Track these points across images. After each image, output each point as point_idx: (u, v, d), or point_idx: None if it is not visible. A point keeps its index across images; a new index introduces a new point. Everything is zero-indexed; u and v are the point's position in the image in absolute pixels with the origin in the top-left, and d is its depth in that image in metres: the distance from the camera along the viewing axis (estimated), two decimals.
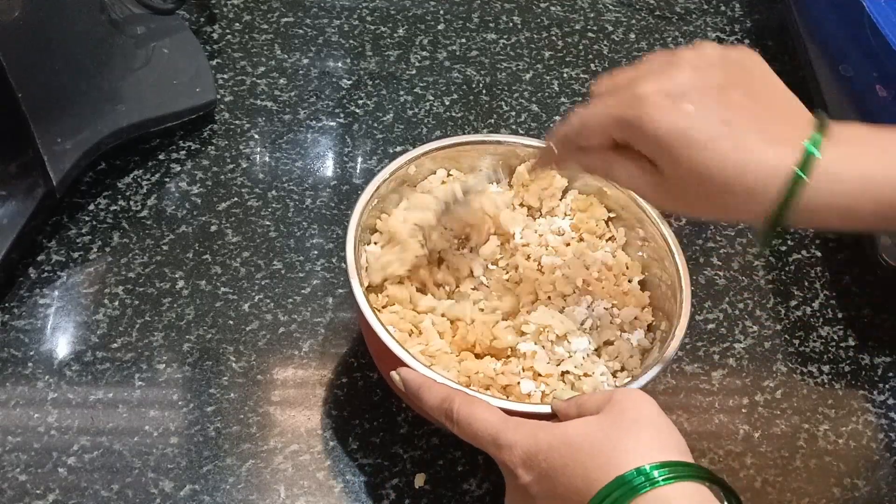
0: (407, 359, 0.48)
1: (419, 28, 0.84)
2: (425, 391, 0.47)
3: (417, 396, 0.47)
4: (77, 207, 0.66)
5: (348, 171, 0.71)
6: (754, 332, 0.65)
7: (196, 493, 0.53)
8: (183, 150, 0.71)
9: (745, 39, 0.88)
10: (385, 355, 0.49)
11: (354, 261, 0.52)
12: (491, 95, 0.79)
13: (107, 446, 0.54)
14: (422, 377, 0.47)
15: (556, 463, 0.41)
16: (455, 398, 0.46)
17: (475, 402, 0.46)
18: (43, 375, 0.57)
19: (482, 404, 0.45)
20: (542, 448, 0.42)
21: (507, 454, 0.43)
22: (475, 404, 0.45)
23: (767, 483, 0.57)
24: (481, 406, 0.45)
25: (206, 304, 0.61)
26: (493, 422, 0.44)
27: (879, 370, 0.64)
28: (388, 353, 0.48)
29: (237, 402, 0.57)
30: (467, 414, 0.45)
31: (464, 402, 0.46)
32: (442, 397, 0.46)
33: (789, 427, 0.60)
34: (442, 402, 0.46)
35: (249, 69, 0.78)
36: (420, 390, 0.47)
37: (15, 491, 0.52)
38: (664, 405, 0.61)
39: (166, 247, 0.64)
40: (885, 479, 0.59)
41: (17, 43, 0.57)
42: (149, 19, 0.74)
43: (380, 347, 0.49)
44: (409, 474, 0.55)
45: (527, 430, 0.43)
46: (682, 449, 0.41)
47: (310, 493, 0.54)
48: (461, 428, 0.45)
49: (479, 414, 0.45)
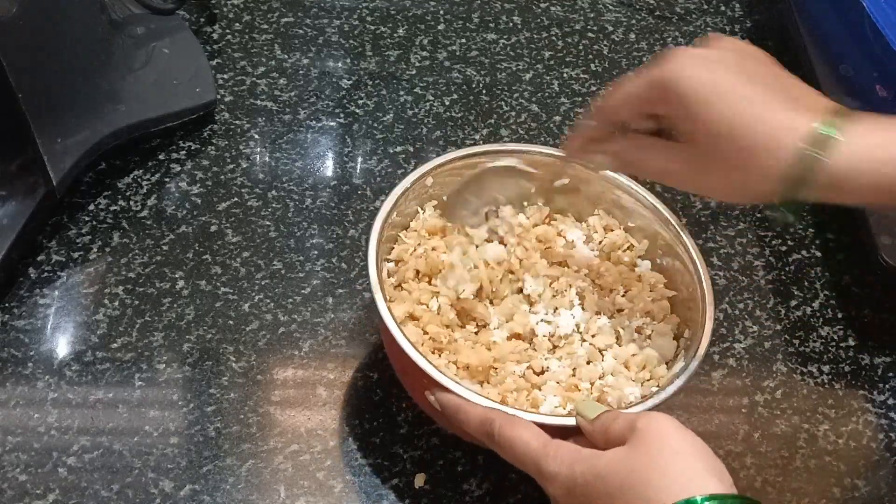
0: (444, 381, 0.47)
1: (419, 28, 0.84)
2: (463, 414, 0.47)
3: (456, 419, 0.47)
4: (77, 207, 0.66)
5: (348, 171, 0.71)
6: (754, 332, 0.65)
7: (196, 493, 0.53)
8: (183, 150, 0.71)
9: (745, 39, 0.88)
10: (414, 372, 0.49)
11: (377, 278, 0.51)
12: (491, 95, 0.79)
13: (107, 446, 0.54)
14: (458, 400, 0.47)
15: (592, 496, 0.41)
16: (495, 420, 0.46)
17: (516, 422, 0.45)
18: (43, 375, 0.57)
19: (522, 425, 0.45)
20: (578, 483, 0.42)
21: (551, 485, 0.43)
22: (516, 426, 0.45)
23: (767, 483, 0.57)
24: (521, 427, 0.45)
25: (206, 304, 0.61)
26: (535, 447, 0.44)
27: (879, 370, 0.64)
28: (420, 372, 0.48)
29: (237, 402, 0.57)
30: (509, 437, 0.45)
31: (504, 423, 0.45)
32: (482, 419, 0.46)
33: (789, 427, 0.60)
34: (482, 423, 0.46)
35: (249, 69, 0.78)
36: (458, 413, 0.47)
37: (15, 491, 0.52)
38: (664, 405, 0.61)
39: (166, 247, 0.64)
40: (885, 479, 0.59)
41: (17, 43, 0.57)
42: (149, 19, 0.74)
43: (409, 365, 0.48)
44: (409, 474, 0.55)
45: (566, 459, 0.43)
46: (713, 471, 0.40)
47: (310, 493, 0.54)
48: (503, 450, 0.46)
49: (521, 436, 0.45)
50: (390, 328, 0.49)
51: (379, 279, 0.51)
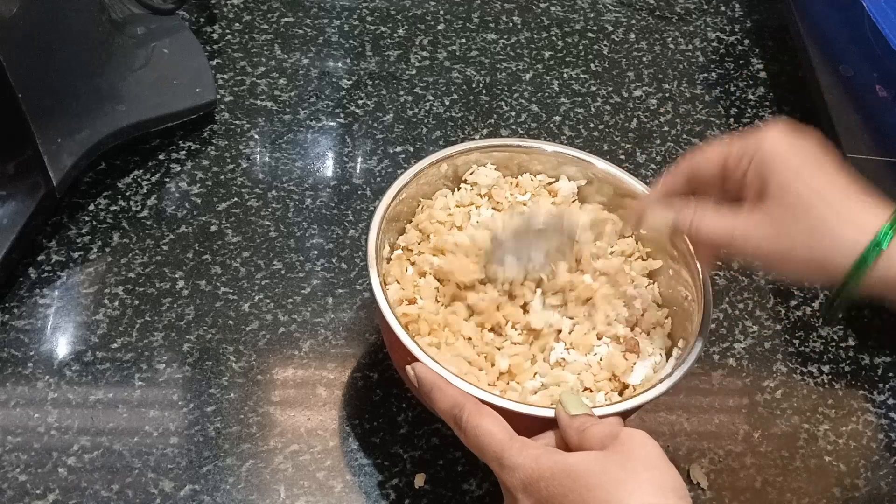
0: (421, 355, 0.48)
1: (419, 28, 0.84)
2: (437, 392, 0.47)
3: (429, 396, 0.47)
4: (77, 207, 0.66)
5: (348, 171, 0.71)
6: (754, 332, 0.65)
7: (196, 493, 0.53)
8: (183, 150, 0.71)
9: (746, 39, 0.88)
10: (397, 347, 0.49)
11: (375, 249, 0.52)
12: (491, 95, 0.79)
13: (107, 446, 0.54)
14: (435, 376, 0.47)
15: (555, 492, 0.41)
16: (465, 406, 0.46)
17: (484, 412, 0.45)
18: (43, 375, 0.57)
19: (490, 417, 0.45)
20: (544, 475, 0.42)
21: (509, 475, 0.43)
22: (484, 415, 0.45)
23: (767, 483, 0.57)
24: (489, 418, 0.45)
25: (206, 304, 0.61)
26: (500, 439, 0.44)
27: (879, 370, 0.64)
28: (401, 346, 0.49)
29: (237, 402, 0.57)
30: (475, 425, 0.45)
31: (473, 411, 0.45)
32: (452, 403, 0.46)
33: (789, 427, 0.60)
34: (452, 407, 0.46)
35: (249, 69, 0.78)
36: (432, 391, 0.47)
37: (15, 491, 0.52)
38: (664, 405, 0.61)
39: (166, 247, 0.64)
40: (885, 479, 0.59)
41: (18, 43, 0.57)
42: (149, 19, 0.75)
43: (393, 339, 0.49)
44: (409, 474, 0.55)
45: (531, 453, 0.43)
46: (680, 493, 0.41)
47: (310, 493, 0.54)
48: (467, 438, 0.46)
49: (486, 426, 0.45)
50: (376, 295, 0.50)
51: (377, 250, 0.52)
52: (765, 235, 0.46)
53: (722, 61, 0.86)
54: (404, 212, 0.58)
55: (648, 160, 0.75)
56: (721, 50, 0.87)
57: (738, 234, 0.47)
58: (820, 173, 0.46)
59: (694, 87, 0.82)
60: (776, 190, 0.46)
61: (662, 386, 0.49)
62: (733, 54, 0.87)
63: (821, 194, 0.45)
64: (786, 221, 0.45)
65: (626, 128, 0.78)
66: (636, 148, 0.76)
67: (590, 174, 0.60)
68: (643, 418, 0.59)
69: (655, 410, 0.60)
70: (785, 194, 0.45)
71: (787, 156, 0.46)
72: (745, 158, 0.47)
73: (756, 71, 0.85)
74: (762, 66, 0.86)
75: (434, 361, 0.48)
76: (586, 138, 0.76)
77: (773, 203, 0.46)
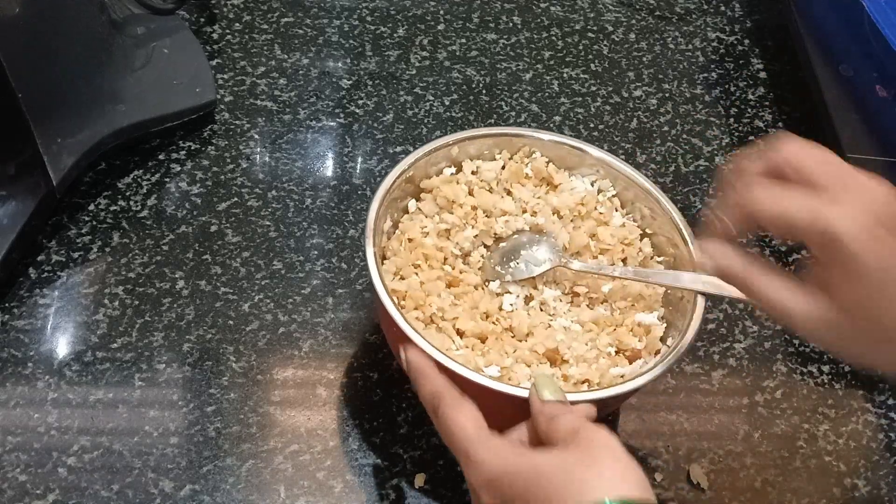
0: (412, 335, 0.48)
1: (419, 28, 0.84)
2: (422, 378, 0.47)
3: (416, 382, 0.47)
4: (77, 207, 0.66)
5: (348, 171, 0.71)
6: (754, 332, 0.65)
7: (196, 493, 0.53)
8: (183, 150, 0.71)
9: (746, 39, 0.88)
10: (389, 325, 0.50)
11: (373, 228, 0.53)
12: (491, 95, 0.79)
13: (107, 446, 0.54)
14: (424, 363, 0.47)
15: (519, 489, 0.41)
16: (444, 396, 0.45)
17: (460, 406, 0.45)
18: (43, 375, 0.57)
19: (466, 410, 0.45)
20: (508, 471, 0.42)
21: (474, 471, 0.43)
22: (459, 408, 0.45)
23: (767, 483, 0.57)
24: (464, 412, 0.45)
25: (206, 304, 0.61)
26: (469, 433, 0.44)
27: (879, 370, 0.64)
28: (392, 323, 0.49)
29: (237, 402, 0.57)
30: (449, 416, 0.45)
31: (450, 403, 0.45)
32: (433, 391, 0.46)
33: (789, 427, 0.60)
34: (432, 396, 0.46)
35: (249, 69, 0.78)
36: (418, 377, 0.47)
37: (15, 491, 0.52)
38: (664, 405, 0.61)
39: (166, 247, 0.64)
40: (885, 479, 0.59)
41: (18, 43, 0.57)
42: (149, 19, 0.75)
43: (386, 318, 0.50)
44: (409, 474, 0.55)
45: (497, 450, 0.43)
46: (642, 485, 0.41)
47: (310, 493, 0.54)
48: (441, 428, 0.45)
49: (459, 420, 0.44)
50: (372, 275, 0.51)
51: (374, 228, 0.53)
52: (837, 321, 0.42)
53: (722, 61, 0.86)
54: (410, 189, 0.59)
55: (648, 160, 0.75)
56: (721, 50, 0.87)
57: (804, 316, 0.44)
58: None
59: (694, 87, 0.82)
60: (850, 277, 0.41)
61: (641, 379, 0.49)
62: (733, 54, 0.87)
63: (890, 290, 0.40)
64: (848, 311, 0.42)
65: (626, 128, 0.78)
66: (636, 148, 0.76)
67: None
68: (643, 418, 0.59)
69: (655, 410, 0.60)
70: (858, 281, 0.41)
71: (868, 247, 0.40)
72: (814, 241, 0.42)
73: (756, 71, 0.85)
74: (762, 66, 0.86)
75: (423, 339, 0.48)
76: (586, 138, 0.76)
77: (841, 290, 0.42)
